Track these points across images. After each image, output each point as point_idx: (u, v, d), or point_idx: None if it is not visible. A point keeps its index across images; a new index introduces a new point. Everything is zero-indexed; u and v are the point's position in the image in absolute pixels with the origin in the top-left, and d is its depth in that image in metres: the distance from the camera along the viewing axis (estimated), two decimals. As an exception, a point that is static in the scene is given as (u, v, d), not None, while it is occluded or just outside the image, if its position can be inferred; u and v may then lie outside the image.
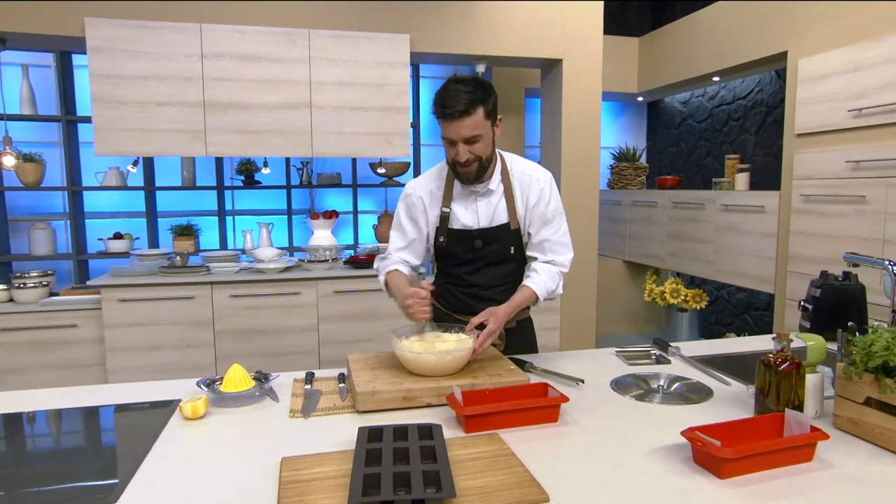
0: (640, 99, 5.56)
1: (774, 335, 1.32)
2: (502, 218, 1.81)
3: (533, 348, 1.98)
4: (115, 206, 4.20)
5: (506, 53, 3.91)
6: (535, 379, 1.58)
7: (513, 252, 1.85)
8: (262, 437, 1.29)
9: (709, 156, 4.92)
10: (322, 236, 3.93)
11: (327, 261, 3.65)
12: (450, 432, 1.27)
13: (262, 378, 1.56)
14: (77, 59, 3.95)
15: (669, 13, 4.95)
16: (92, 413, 1.47)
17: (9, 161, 3.32)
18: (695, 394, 1.53)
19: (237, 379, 1.49)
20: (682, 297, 4.76)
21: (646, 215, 4.88)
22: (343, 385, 1.59)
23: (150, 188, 4.11)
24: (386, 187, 4.53)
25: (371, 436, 1.16)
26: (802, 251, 3.34)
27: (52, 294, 3.50)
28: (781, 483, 1.07)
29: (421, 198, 1.85)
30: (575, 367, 1.74)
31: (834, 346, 1.63)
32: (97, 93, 3.32)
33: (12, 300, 3.35)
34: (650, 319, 5.50)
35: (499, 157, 1.84)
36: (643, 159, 5.57)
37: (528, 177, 1.82)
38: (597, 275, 4.25)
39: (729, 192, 4.01)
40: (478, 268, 1.86)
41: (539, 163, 2.10)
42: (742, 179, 4.01)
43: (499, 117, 1.74)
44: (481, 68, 4.07)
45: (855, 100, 3.02)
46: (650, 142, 5.73)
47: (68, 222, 3.98)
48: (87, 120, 3.67)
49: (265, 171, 4.28)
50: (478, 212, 1.82)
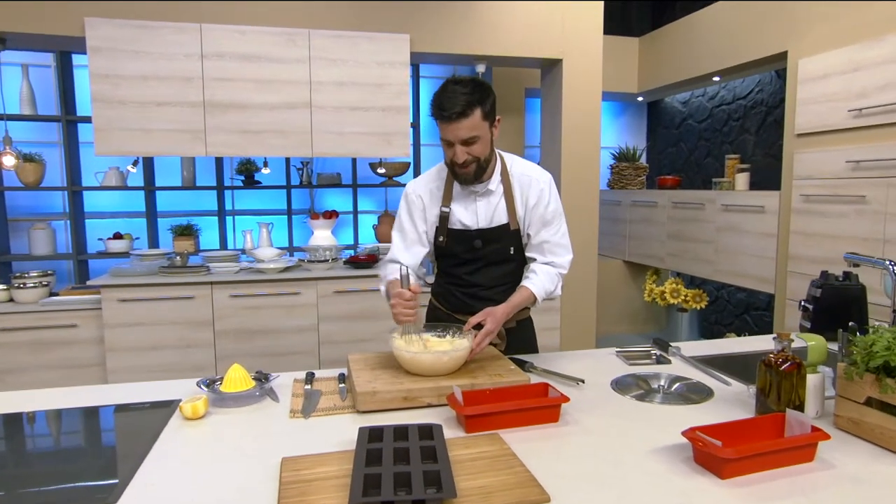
0: (640, 99, 5.56)
1: (775, 335, 1.32)
2: (502, 218, 1.81)
3: (533, 348, 1.98)
4: (115, 206, 4.20)
5: (506, 53, 3.91)
6: (535, 379, 1.58)
7: (512, 252, 1.85)
8: (263, 437, 1.29)
9: (709, 156, 4.92)
10: (322, 236, 3.93)
11: (327, 261, 3.65)
12: (450, 432, 1.27)
13: (262, 378, 1.56)
14: (77, 59, 3.95)
15: (669, 13, 4.95)
16: (92, 413, 1.47)
17: (9, 161, 3.32)
18: (695, 394, 1.53)
19: (237, 379, 1.49)
20: (682, 297, 4.76)
21: (646, 215, 4.88)
22: (343, 385, 1.59)
23: (150, 188, 4.11)
24: (386, 187, 4.53)
25: (371, 436, 1.16)
26: (802, 251, 3.33)
27: (52, 294, 3.50)
28: (782, 483, 1.07)
29: (420, 196, 1.85)
30: (575, 367, 1.74)
31: (834, 347, 1.63)
32: (97, 93, 3.32)
33: (12, 300, 3.35)
34: (650, 319, 5.50)
35: (498, 157, 1.84)
36: (643, 159, 5.57)
37: (528, 178, 1.82)
38: (597, 275, 4.25)
39: (729, 192, 4.01)
40: (478, 268, 1.86)
41: (539, 163, 2.11)
42: (742, 179, 4.01)
43: (497, 118, 1.74)
44: (481, 68, 4.07)
45: (855, 100, 3.02)
46: (650, 142, 5.73)
47: (68, 222, 3.98)
48: (87, 120, 3.67)
49: (265, 171, 4.28)
50: (477, 212, 1.81)
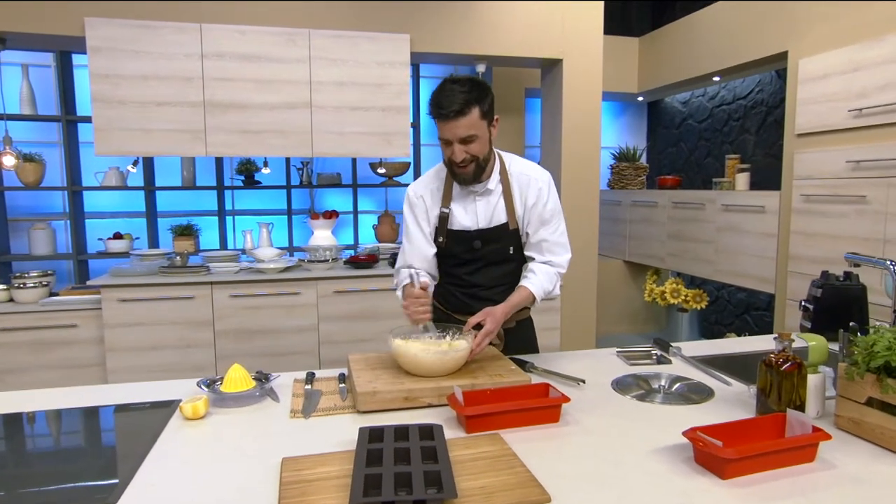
0: (641, 99, 5.56)
1: (776, 335, 1.32)
2: (501, 218, 1.81)
3: (534, 348, 1.98)
4: (115, 206, 4.20)
5: (506, 53, 3.91)
6: (536, 379, 1.58)
7: (512, 252, 1.85)
8: (263, 437, 1.29)
9: (709, 156, 4.92)
10: (322, 236, 3.93)
11: (327, 261, 3.65)
12: (451, 432, 1.27)
13: (262, 378, 1.56)
14: (77, 59, 3.95)
15: (669, 13, 4.95)
16: (92, 413, 1.47)
17: (9, 161, 3.32)
18: (696, 394, 1.53)
19: (237, 379, 1.48)
20: (683, 297, 4.76)
21: (646, 215, 4.88)
22: (343, 385, 1.59)
23: (150, 188, 4.11)
24: (386, 187, 4.53)
25: (372, 436, 1.16)
26: (803, 251, 3.33)
27: (52, 294, 3.50)
28: (783, 483, 1.07)
29: (422, 197, 1.85)
30: (576, 367, 1.74)
31: (835, 347, 1.63)
32: (97, 93, 3.32)
33: (12, 300, 3.35)
34: (650, 319, 5.50)
35: (497, 157, 1.83)
36: (643, 159, 5.57)
37: (527, 177, 1.82)
38: (597, 275, 4.25)
39: (729, 192, 4.01)
40: (477, 268, 1.86)
41: (539, 163, 2.10)
42: (742, 179, 4.01)
43: (495, 118, 1.74)
44: (481, 68, 4.07)
45: (855, 100, 3.02)
46: (650, 142, 5.73)
47: (68, 222, 3.98)
48: (87, 120, 3.67)
49: (265, 171, 4.28)
50: (476, 212, 1.81)
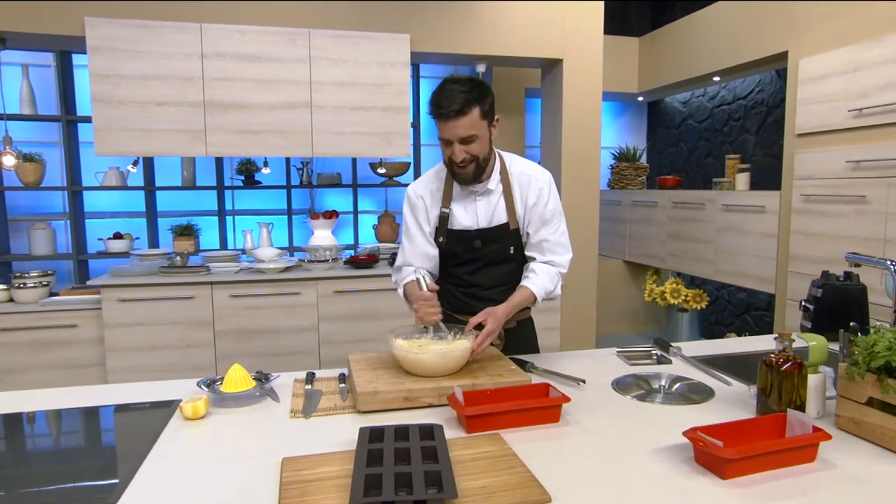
0: (641, 99, 5.56)
1: (776, 335, 1.32)
2: (501, 218, 1.81)
3: (534, 348, 1.98)
4: (115, 206, 4.19)
5: (506, 53, 3.91)
6: (536, 379, 1.58)
7: (512, 252, 1.85)
8: (263, 437, 1.29)
9: (709, 156, 4.92)
10: (322, 236, 3.92)
11: (327, 261, 3.65)
12: (451, 432, 1.27)
13: (262, 378, 1.56)
14: (77, 59, 3.95)
15: (669, 13, 4.95)
16: (92, 413, 1.46)
17: (9, 161, 3.32)
18: (696, 394, 1.53)
19: (238, 379, 1.48)
20: (683, 297, 4.76)
21: (646, 215, 4.87)
22: (344, 385, 1.59)
23: (150, 188, 4.11)
24: (386, 187, 4.53)
25: (372, 436, 1.16)
26: (803, 251, 3.33)
27: (52, 294, 3.50)
28: (784, 483, 1.07)
29: (422, 197, 1.85)
30: (576, 367, 1.74)
31: (835, 347, 1.62)
32: (97, 93, 3.32)
33: (12, 300, 3.34)
34: (650, 319, 5.50)
35: (498, 156, 1.83)
36: (643, 159, 5.57)
37: (527, 177, 1.82)
38: (597, 275, 4.25)
39: (729, 192, 4.01)
40: (478, 268, 1.86)
41: (539, 163, 2.10)
42: (742, 179, 4.01)
43: (496, 118, 1.74)
44: (481, 68, 4.07)
45: (855, 100, 3.01)
46: (650, 142, 5.73)
47: (68, 222, 3.98)
48: (87, 120, 3.67)
49: (265, 171, 4.28)
50: (477, 212, 1.81)
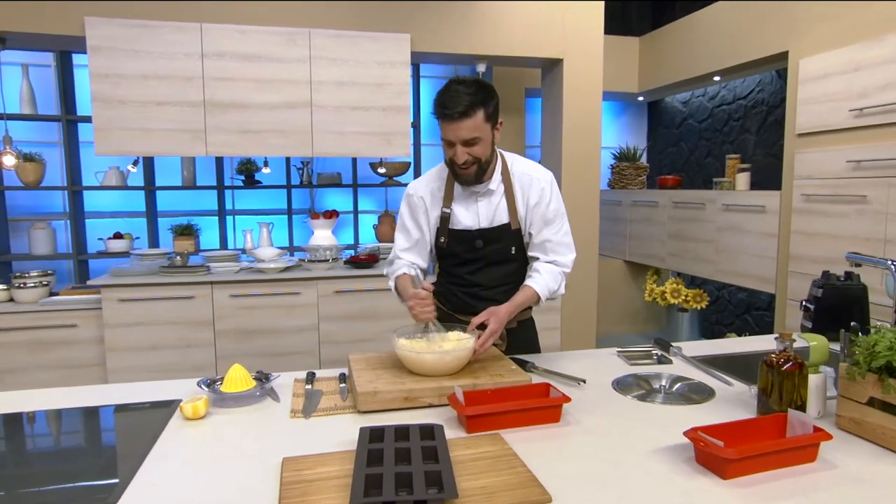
0: (641, 99, 5.55)
1: (777, 335, 1.32)
2: (503, 218, 1.81)
3: (535, 348, 1.98)
4: (115, 205, 4.19)
5: (506, 53, 3.90)
6: (536, 379, 1.57)
7: (514, 252, 1.84)
8: (263, 437, 1.29)
9: (709, 155, 4.92)
10: (322, 236, 3.92)
11: (327, 260, 3.65)
12: (451, 432, 1.27)
13: (262, 378, 1.56)
14: (77, 59, 3.95)
15: (670, 13, 4.95)
16: (92, 413, 1.46)
17: (9, 161, 3.32)
18: (697, 394, 1.53)
19: (238, 379, 1.48)
20: (683, 297, 4.76)
21: (646, 215, 4.87)
22: (344, 385, 1.59)
23: (150, 188, 4.11)
24: (386, 187, 4.52)
25: (372, 436, 1.16)
26: (803, 251, 3.33)
27: (52, 294, 3.50)
28: (784, 483, 1.07)
29: (422, 198, 1.85)
30: (576, 367, 1.74)
31: (836, 347, 1.62)
32: (97, 92, 3.32)
33: (12, 300, 3.34)
34: (651, 319, 5.50)
35: (499, 156, 1.83)
36: (644, 159, 5.57)
37: (529, 177, 1.82)
38: (597, 275, 4.25)
39: (730, 191, 4.01)
40: (479, 268, 1.85)
41: (540, 163, 2.10)
42: (743, 179, 4.00)
43: (500, 121, 1.73)
44: (482, 68, 4.06)
45: (856, 99, 3.01)
46: (651, 141, 5.73)
47: (68, 222, 3.98)
48: (87, 119, 3.67)
49: (265, 170, 4.27)
50: (478, 212, 1.81)
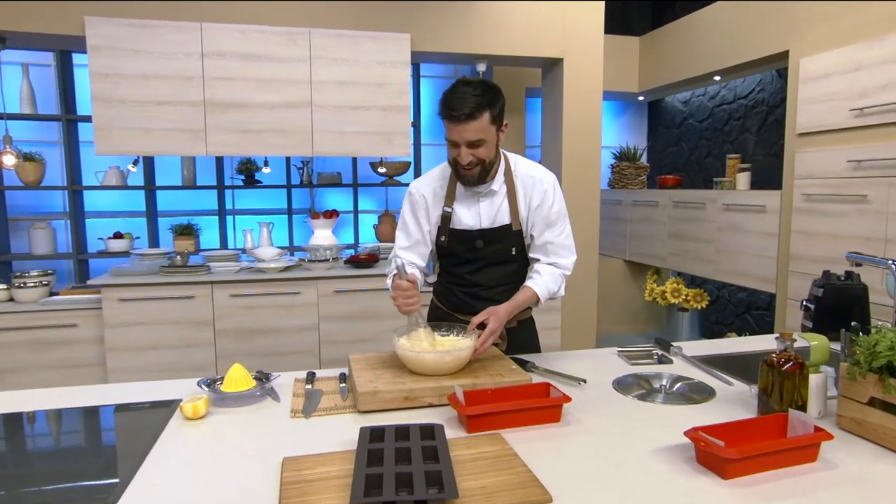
0: (641, 98, 5.55)
1: (777, 335, 1.32)
2: (504, 219, 1.81)
3: (535, 348, 1.98)
4: (115, 205, 4.19)
5: (506, 53, 3.90)
6: (536, 379, 1.57)
7: (514, 253, 1.84)
8: (263, 437, 1.29)
9: (710, 155, 4.91)
10: (322, 236, 3.92)
11: (328, 260, 3.65)
12: (452, 432, 1.27)
13: (262, 378, 1.56)
14: (77, 59, 3.95)
15: (670, 13, 4.94)
16: (92, 413, 1.46)
17: (9, 160, 3.32)
18: (697, 394, 1.53)
19: (238, 379, 1.48)
20: (683, 297, 4.76)
21: (647, 215, 4.87)
22: (344, 385, 1.59)
23: (150, 188, 4.11)
24: (386, 187, 4.52)
25: (373, 436, 1.15)
26: (804, 251, 3.33)
27: (52, 293, 3.50)
28: (785, 483, 1.07)
29: (424, 196, 1.85)
30: (577, 366, 1.74)
31: (836, 346, 1.62)
32: (97, 92, 3.32)
33: (12, 300, 3.34)
34: (651, 319, 5.50)
35: (503, 157, 1.83)
36: (644, 159, 5.57)
37: (532, 178, 1.82)
38: (598, 274, 4.25)
39: (730, 191, 4.01)
40: (479, 268, 1.85)
41: (540, 163, 2.10)
42: (743, 179, 4.00)
43: (505, 123, 1.73)
44: (482, 68, 4.06)
45: (856, 99, 3.01)
46: (651, 141, 5.73)
47: (68, 222, 3.98)
48: (87, 119, 3.67)
49: (265, 170, 4.27)
50: (480, 212, 1.81)
